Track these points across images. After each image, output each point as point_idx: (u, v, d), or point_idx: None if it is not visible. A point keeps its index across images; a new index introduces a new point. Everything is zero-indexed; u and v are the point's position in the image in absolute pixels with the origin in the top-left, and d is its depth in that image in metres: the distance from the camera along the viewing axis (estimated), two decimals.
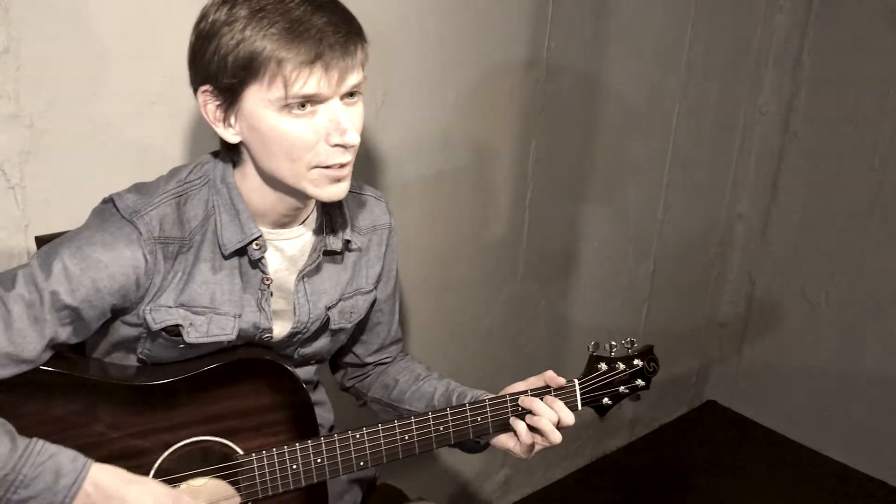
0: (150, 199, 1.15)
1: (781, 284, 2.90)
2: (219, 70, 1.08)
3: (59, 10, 1.34)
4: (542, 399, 1.28)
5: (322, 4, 1.09)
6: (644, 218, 2.61)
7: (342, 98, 1.11)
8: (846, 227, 2.68)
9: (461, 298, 2.18)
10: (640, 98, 2.42)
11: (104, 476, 1.09)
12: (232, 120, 1.13)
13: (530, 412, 1.28)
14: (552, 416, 1.26)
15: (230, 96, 1.10)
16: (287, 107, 1.08)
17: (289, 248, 1.25)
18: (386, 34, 1.76)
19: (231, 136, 1.14)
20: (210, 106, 1.13)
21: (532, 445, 1.29)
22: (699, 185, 2.76)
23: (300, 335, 1.29)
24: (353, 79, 1.11)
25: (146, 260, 1.13)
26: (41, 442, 1.07)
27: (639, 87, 2.40)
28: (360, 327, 1.43)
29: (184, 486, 1.19)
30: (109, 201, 1.16)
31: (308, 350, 1.33)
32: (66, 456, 1.07)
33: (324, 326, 1.31)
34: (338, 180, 1.14)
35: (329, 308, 1.29)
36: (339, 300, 1.31)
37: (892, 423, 2.68)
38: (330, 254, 1.28)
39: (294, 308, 1.26)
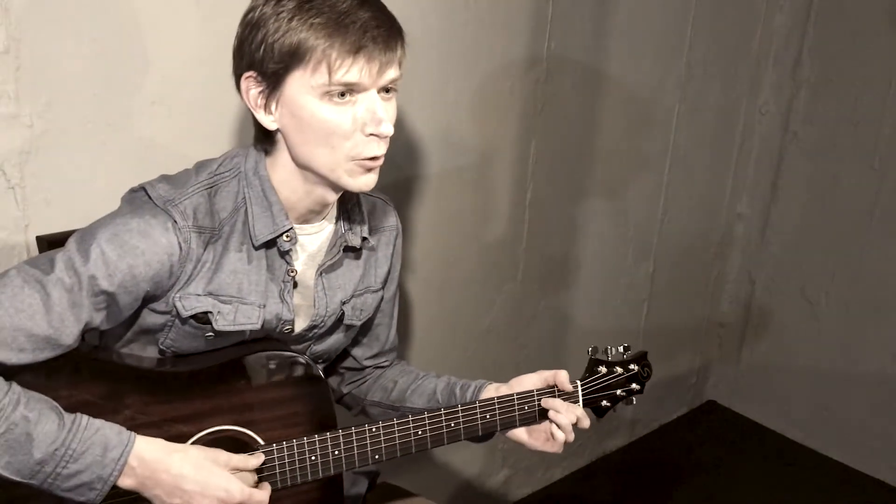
0: (184, 190, 1.18)
1: (781, 284, 2.90)
2: (265, 56, 1.12)
3: (59, 10, 1.34)
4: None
5: (366, 1, 1.14)
6: (644, 218, 2.61)
7: (379, 91, 1.15)
8: (846, 226, 2.68)
9: (461, 298, 2.18)
10: (640, 98, 2.42)
11: (147, 448, 1.11)
12: (273, 107, 1.16)
13: (552, 410, 1.34)
14: (573, 417, 1.33)
15: (274, 82, 1.14)
16: (328, 94, 1.12)
17: (309, 244, 1.28)
18: None
19: (270, 123, 1.17)
20: (252, 91, 1.16)
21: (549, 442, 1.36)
22: (699, 185, 2.76)
23: (317, 329, 1.31)
24: (392, 73, 1.15)
25: (181, 248, 1.15)
26: (86, 417, 1.09)
27: (639, 86, 2.40)
28: (362, 328, 1.44)
29: None
30: (140, 190, 1.19)
31: (321, 347, 1.35)
32: (111, 430, 1.10)
33: (339, 321, 1.33)
34: (370, 170, 1.19)
35: (344, 303, 1.32)
36: (352, 296, 1.33)
37: (892, 423, 2.68)
38: (349, 250, 1.31)
39: (314, 301, 1.29)
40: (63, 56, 1.36)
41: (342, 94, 1.12)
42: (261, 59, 1.13)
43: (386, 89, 1.16)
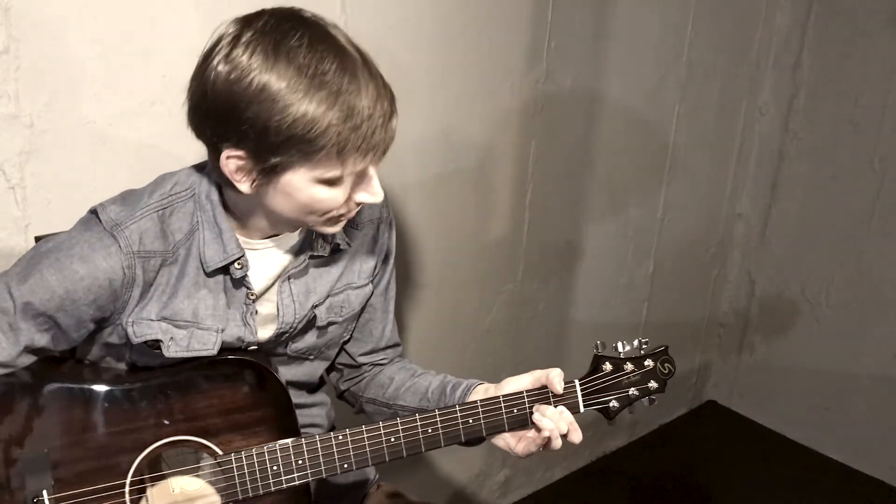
0: (132, 213, 1.14)
1: (781, 284, 2.90)
2: (261, 143, 1.04)
3: (59, 10, 1.34)
4: (554, 406, 1.25)
5: (377, 87, 1.07)
6: (644, 218, 2.61)
7: None
8: (846, 226, 2.68)
9: (461, 298, 2.18)
10: (640, 98, 2.42)
11: None
12: (256, 183, 1.09)
13: (537, 417, 1.24)
14: (562, 427, 1.23)
15: (268, 172, 1.07)
16: (329, 181, 1.09)
17: (276, 254, 1.24)
18: (385, 34, 1.76)
19: (247, 189, 1.10)
20: (232, 166, 1.08)
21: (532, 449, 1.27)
22: (699, 185, 2.76)
23: (287, 334, 1.28)
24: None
25: (124, 273, 1.12)
26: None
27: (639, 87, 2.40)
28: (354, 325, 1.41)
29: (162, 485, 1.19)
30: (94, 212, 1.16)
31: (300, 345, 1.32)
32: None
33: (310, 323, 1.30)
34: (343, 220, 1.17)
35: (315, 306, 1.28)
36: (328, 297, 1.29)
37: (892, 423, 2.68)
38: (317, 257, 1.27)
39: (279, 310, 1.25)
40: (63, 56, 1.36)
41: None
42: (255, 145, 1.04)
43: None
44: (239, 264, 1.18)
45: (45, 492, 1.13)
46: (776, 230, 2.88)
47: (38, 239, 1.35)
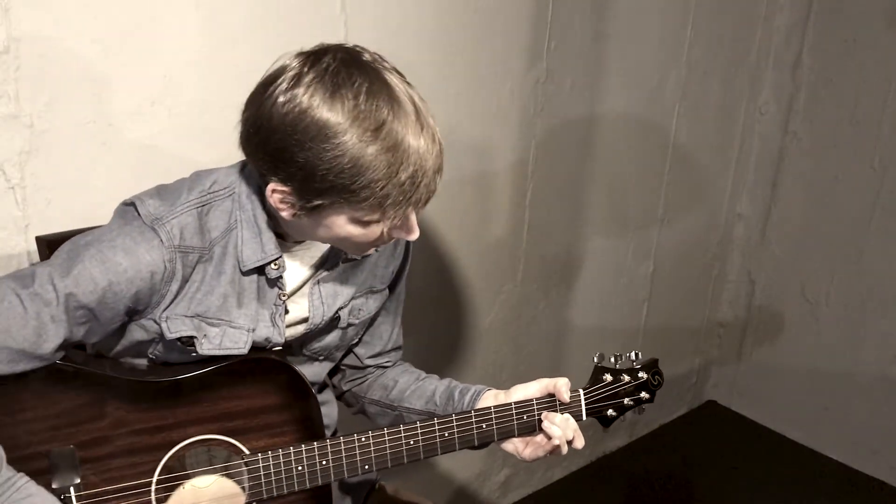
0: (173, 208, 1.15)
1: (781, 284, 2.90)
2: (309, 185, 1.07)
3: (59, 10, 1.34)
4: (561, 413, 1.31)
5: (426, 135, 1.10)
6: (644, 218, 2.61)
7: None
8: (846, 227, 2.68)
9: (461, 298, 2.18)
10: (640, 98, 2.42)
11: None
12: (298, 215, 1.12)
13: (546, 424, 1.29)
14: (569, 434, 1.29)
15: (310, 209, 1.10)
16: (368, 223, 1.12)
17: (309, 256, 1.26)
18: (386, 34, 1.76)
19: (288, 217, 1.13)
20: (277, 197, 1.11)
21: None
22: (699, 185, 2.76)
23: (310, 334, 1.30)
24: None
25: (165, 267, 1.13)
26: (24, 479, 1.07)
27: (639, 86, 2.40)
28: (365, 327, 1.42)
29: (189, 484, 1.20)
30: (131, 205, 1.16)
31: (316, 345, 1.33)
32: (42, 500, 1.07)
33: (332, 325, 1.32)
34: (373, 249, 1.22)
35: (341, 308, 1.30)
36: (352, 299, 1.32)
37: (892, 423, 2.68)
38: (349, 261, 1.29)
39: (309, 310, 1.27)
40: (63, 56, 1.36)
41: None
42: (301, 185, 1.07)
43: None
44: (276, 265, 1.20)
45: (72, 489, 1.13)
46: (776, 230, 2.88)
47: (38, 239, 1.36)
